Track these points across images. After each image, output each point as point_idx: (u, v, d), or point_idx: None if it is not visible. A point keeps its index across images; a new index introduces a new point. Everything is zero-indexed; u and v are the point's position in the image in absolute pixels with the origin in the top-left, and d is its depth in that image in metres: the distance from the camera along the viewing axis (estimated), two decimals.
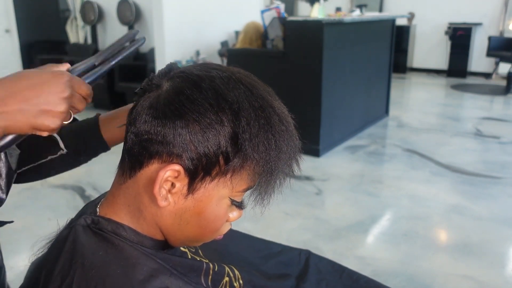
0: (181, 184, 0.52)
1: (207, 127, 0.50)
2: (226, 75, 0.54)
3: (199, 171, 0.51)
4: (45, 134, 0.51)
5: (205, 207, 0.54)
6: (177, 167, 0.51)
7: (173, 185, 0.52)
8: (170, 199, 0.53)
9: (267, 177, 0.54)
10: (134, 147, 0.53)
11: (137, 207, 0.55)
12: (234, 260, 0.79)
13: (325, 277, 0.87)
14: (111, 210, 0.57)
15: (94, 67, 0.60)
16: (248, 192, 0.57)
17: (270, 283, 0.80)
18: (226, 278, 0.68)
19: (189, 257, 0.68)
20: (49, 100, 0.49)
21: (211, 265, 0.65)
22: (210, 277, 0.64)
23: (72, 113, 0.54)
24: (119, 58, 0.62)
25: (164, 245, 0.59)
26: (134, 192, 0.55)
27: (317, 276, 0.87)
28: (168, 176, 0.51)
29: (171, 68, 0.56)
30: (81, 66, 0.59)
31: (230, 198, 0.55)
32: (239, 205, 0.57)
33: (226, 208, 0.56)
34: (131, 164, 0.54)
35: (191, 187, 0.52)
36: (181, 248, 0.68)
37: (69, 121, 0.53)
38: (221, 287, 0.66)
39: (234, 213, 0.59)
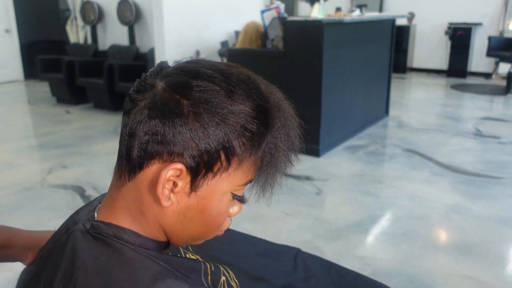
0: (184, 182, 0.52)
1: (207, 123, 0.50)
2: (218, 68, 0.54)
3: (201, 168, 0.51)
4: None
5: (208, 204, 0.53)
6: (179, 165, 0.50)
7: (175, 184, 0.51)
8: (173, 198, 0.52)
9: (266, 168, 0.54)
10: (132, 149, 0.52)
11: (139, 209, 0.54)
12: (222, 259, 0.80)
13: (314, 274, 0.89)
14: (110, 214, 0.55)
15: None
16: (249, 186, 0.58)
17: (258, 284, 0.80)
18: (223, 277, 0.68)
19: (182, 254, 0.68)
20: None
21: (208, 265, 0.65)
22: (209, 277, 0.64)
23: None
24: None
25: (166, 246, 0.59)
26: (134, 194, 0.54)
27: (305, 273, 0.89)
28: (170, 175, 0.50)
29: (162, 67, 0.55)
30: None
31: (232, 193, 0.55)
32: (241, 199, 0.57)
33: (228, 203, 0.56)
34: (130, 166, 0.53)
35: (194, 184, 0.52)
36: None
37: None
38: (220, 287, 0.66)
39: (234, 208, 0.59)
